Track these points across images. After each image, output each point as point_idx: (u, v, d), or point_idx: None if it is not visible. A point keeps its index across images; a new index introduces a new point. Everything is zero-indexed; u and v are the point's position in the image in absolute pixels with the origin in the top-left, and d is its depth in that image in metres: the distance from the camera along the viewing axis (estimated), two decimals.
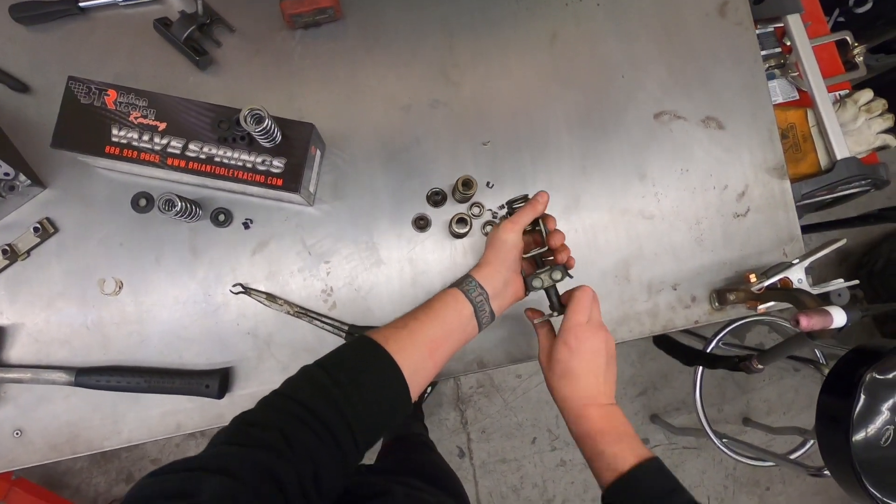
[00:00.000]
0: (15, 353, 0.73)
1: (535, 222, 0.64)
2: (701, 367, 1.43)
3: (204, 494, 0.34)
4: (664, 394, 1.83)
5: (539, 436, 1.78)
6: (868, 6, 1.29)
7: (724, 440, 1.42)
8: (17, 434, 0.72)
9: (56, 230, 0.74)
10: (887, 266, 1.71)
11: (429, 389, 1.70)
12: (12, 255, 0.72)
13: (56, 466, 1.65)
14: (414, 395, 0.51)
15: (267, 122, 0.63)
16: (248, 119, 0.62)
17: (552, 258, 0.64)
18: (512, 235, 0.60)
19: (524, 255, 0.63)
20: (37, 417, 0.72)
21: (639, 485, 0.50)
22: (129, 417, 0.73)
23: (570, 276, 0.63)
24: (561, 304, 0.63)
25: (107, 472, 1.66)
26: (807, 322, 0.61)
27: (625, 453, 0.52)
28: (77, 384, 0.70)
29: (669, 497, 0.49)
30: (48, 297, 0.73)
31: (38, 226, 0.72)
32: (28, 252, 0.73)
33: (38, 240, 0.73)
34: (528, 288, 0.63)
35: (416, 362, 0.51)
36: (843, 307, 0.63)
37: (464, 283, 0.58)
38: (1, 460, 0.72)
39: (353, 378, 0.47)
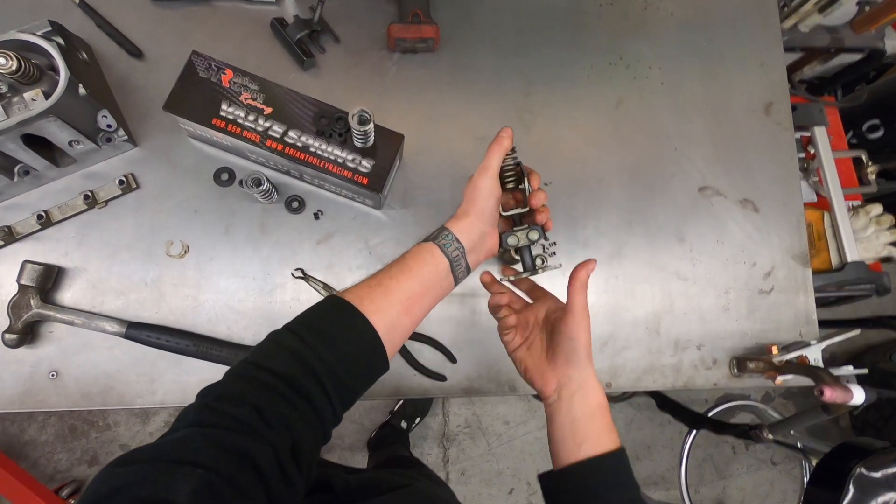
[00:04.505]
0: (70, 296, 0.74)
1: (518, 180, 0.61)
2: (690, 441, 1.46)
3: (181, 495, 0.31)
4: (645, 465, 1.84)
5: (517, 487, 1.75)
6: (880, 133, 1.44)
7: None
8: (52, 376, 0.72)
9: (138, 186, 0.77)
10: (872, 375, 1.79)
11: (417, 420, 1.69)
12: (92, 201, 0.74)
13: (20, 435, 1.57)
14: (391, 353, 0.49)
15: (370, 124, 0.69)
16: (356, 118, 0.68)
17: (532, 218, 0.61)
18: (485, 181, 0.57)
19: (503, 213, 0.60)
20: (76, 362, 0.72)
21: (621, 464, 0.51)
22: (166, 379, 0.73)
23: (546, 239, 0.61)
24: (534, 266, 0.61)
25: (71, 450, 1.59)
26: (830, 394, 0.66)
27: (615, 433, 0.52)
28: (127, 336, 0.71)
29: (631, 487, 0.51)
30: (115, 247, 0.75)
31: (122, 179, 0.75)
32: (107, 202, 0.76)
33: (120, 192, 0.76)
34: (502, 245, 0.61)
35: (391, 320, 0.49)
36: (862, 387, 0.68)
37: (440, 237, 0.56)
38: (31, 399, 0.71)
39: (326, 341, 0.45)
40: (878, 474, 1.02)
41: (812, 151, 1.17)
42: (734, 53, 0.96)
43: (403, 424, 1.65)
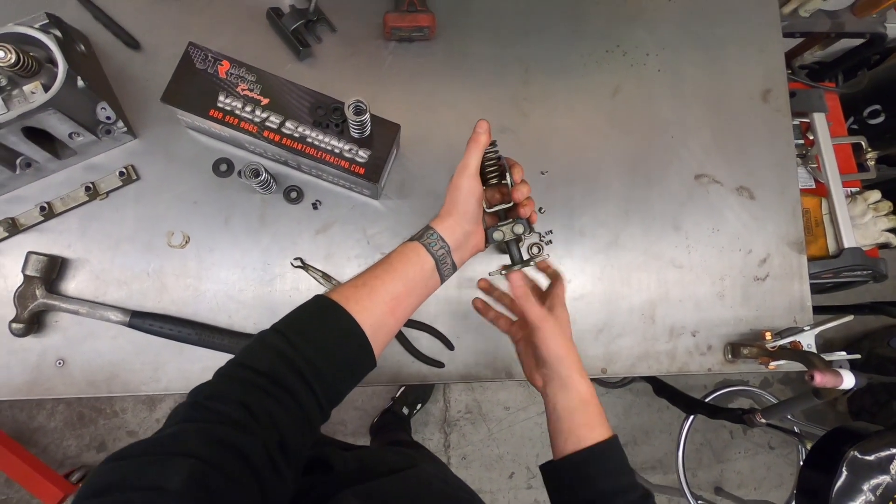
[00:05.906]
0: (74, 286, 0.75)
1: (501, 174, 0.61)
2: (687, 426, 1.47)
3: (173, 482, 0.32)
4: (644, 450, 1.87)
5: (517, 472, 1.78)
6: (881, 119, 1.43)
7: (699, 501, 1.45)
8: (59, 364, 0.73)
9: (138, 178, 0.78)
10: (868, 361, 1.80)
11: (418, 406, 1.71)
12: (93, 192, 0.75)
13: (29, 422, 1.61)
14: (377, 352, 0.51)
15: (366, 115, 0.70)
16: (351, 108, 0.68)
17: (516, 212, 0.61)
18: (464, 180, 0.57)
19: (488, 210, 0.60)
20: (81, 351, 0.74)
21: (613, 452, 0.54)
22: (170, 367, 0.75)
23: (532, 231, 0.62)
24: (522, 258, 0.61)
25: (80, 436, 1.62)
26: (821, 379, 0.67)
27: (603, 425, 0.55)
28: (130, 325, 0.72)
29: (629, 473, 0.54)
30: (117, 238, 0.77)
31: (123, 170, 0.76)
32: (108, 193, 0.77)
33: (121, 183, 0.77)
34: (488, 240, 0.61)
35: (377, 320, 0.50)
36: (852, 372, 0.69)
37: (424, 236, 0.56)
38: (38, 387, 0.73)
39: (313, 341, 0.46)
40: (871, 457, 1.04)
41: (811, 138, 1.17)
42: (732, 39, 0.95)
43: (405, 411, 1.67)
